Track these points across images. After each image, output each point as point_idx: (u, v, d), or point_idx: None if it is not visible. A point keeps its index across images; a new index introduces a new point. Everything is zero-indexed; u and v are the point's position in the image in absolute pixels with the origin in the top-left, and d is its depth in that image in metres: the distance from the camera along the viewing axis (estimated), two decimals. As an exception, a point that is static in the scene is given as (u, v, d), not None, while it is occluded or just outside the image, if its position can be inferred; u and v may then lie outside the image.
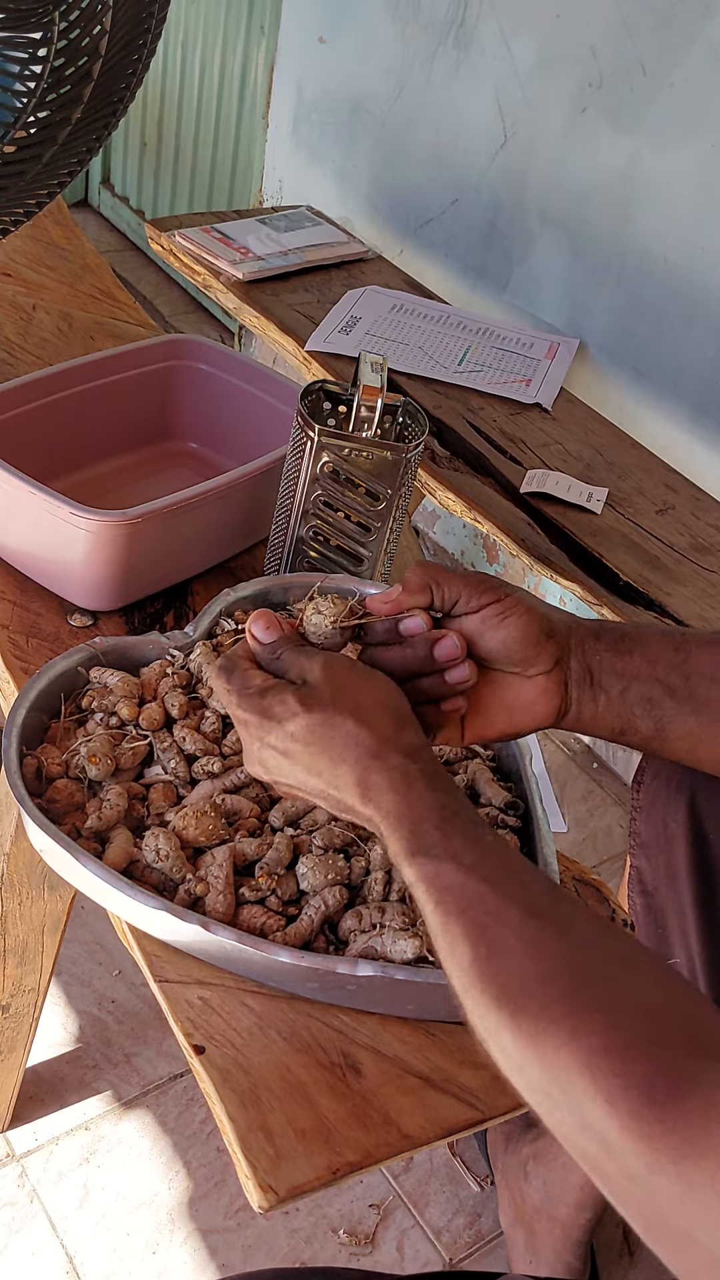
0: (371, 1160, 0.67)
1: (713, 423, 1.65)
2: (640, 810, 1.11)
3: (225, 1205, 1.30)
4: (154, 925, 0.73)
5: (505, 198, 1.89)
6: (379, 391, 0.90)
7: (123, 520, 0.91)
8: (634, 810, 1.12)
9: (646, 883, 1.10)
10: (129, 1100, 1.38)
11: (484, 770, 0.85)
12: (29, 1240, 1.25)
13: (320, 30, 2.18)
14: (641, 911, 1.10)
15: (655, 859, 1.09)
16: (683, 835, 1.05)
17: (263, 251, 1.77)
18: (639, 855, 1.11)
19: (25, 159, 0.93)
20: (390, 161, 2.09)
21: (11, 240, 1.46)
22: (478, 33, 1.85)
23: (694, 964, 1.04)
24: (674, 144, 1.62)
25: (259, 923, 0.74)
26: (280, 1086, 0.68)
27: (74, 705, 0.84)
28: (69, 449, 1.09)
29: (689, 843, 1.05)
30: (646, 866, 1.10)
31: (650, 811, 1.10)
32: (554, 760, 1.96)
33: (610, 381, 1.78)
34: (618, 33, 1.64)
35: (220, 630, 0.91)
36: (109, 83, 0.96)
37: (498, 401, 1.57)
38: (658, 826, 1.09)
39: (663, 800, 1.08)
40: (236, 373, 1.15)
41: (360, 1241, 1.29)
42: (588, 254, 1.78)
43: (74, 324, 1.34)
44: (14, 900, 1.05)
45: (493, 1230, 1.32)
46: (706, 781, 1.05)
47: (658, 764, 1.10)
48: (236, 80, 2.50)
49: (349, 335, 1.62)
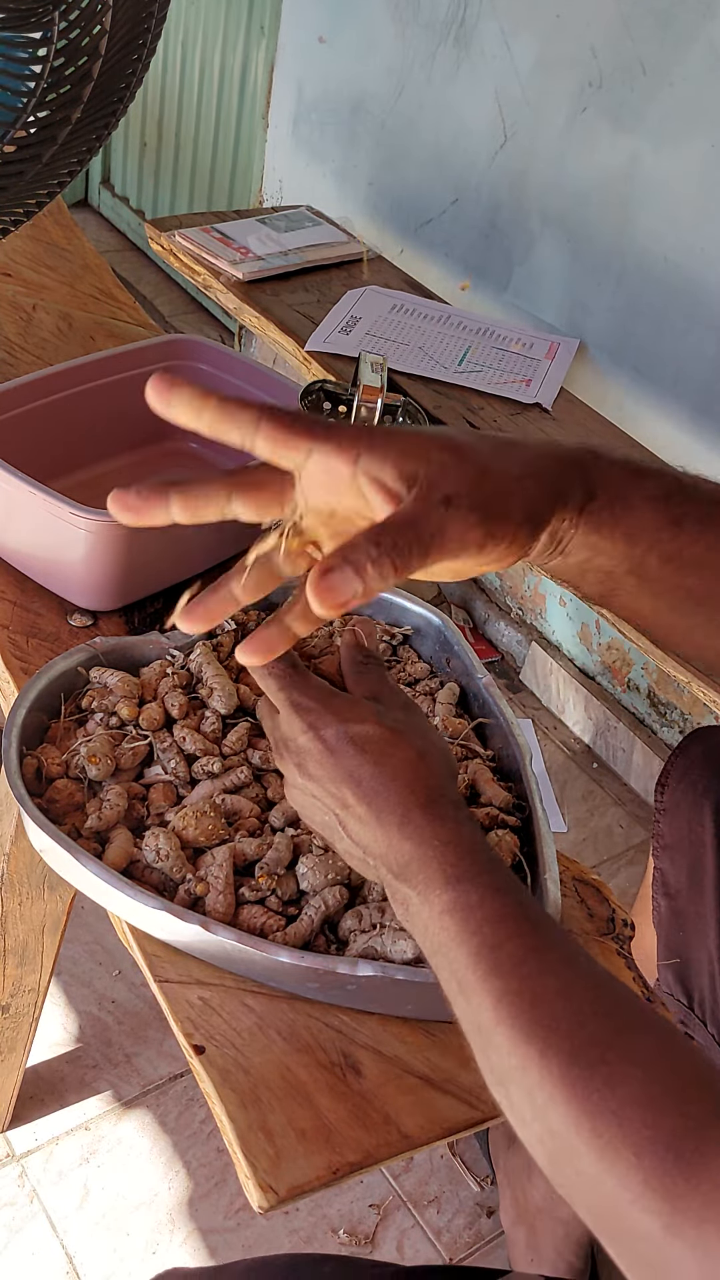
0: (371, 1160, 0.67)
1: (713, 423, 1.65)
2: (665, 812, 1.11)
3: (225, 1205, 1.30)
4: (154, 925, 0.73)
5: (505, 198, 1.89)
6: (379, 391, 0.90)
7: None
8: (659, 812, 1.12)
9: (670, 885, 1.11)
10: (129, 1100, 1.38)
11: (484, 770, 0.85)
12: (29, 1240, 1.25)
13: (320, 30, 2.18)
14: (665, 913, 1.11)
15: (679, 861, 1.09)
16: (709, 839, 1.06)
17: (263, 251, 1.77)
18: (663, 857, 1.11)
19: (25, 159, 0.93)
20: (390, 161, 2.09)
21: (11, 240, 1.46)
22: (478, 33, 1.85)
23: (714, 966, 1.04)
24: (674, 144, 1.62)
25: (259, 923, 0.74)
26: (280, 1086, 0.68)
27: (74, 705, 0.84)
28: (69, 449, 1.09)
29: (715, 848, 1.05)
30: (670, 869, 1.11)
31: (675, 814, 1.10)
32: (554, 760, 1.96)
33: (610, 381, 1.78)
34: (618, 33, 1.64)
35: (220, 630, 0.91)
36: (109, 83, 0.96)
37: (498, 401, 1.57)
38: (682, 829, 1.09)
39: (688, 804, 1.09)
40: (236, 373, 1.15)
41: (360, 1241, 1.29)
42: (588, 254, 1.78)
43: (74, 324, 1.34)
44: (14, 900, 1.05)
45: (493, 1230, 1.32)
46: None
47: (683, 767, 1.11)
48: (236, 80, 2.50)
49: (349, 335, 1.62)
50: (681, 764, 1.11)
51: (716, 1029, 1.03)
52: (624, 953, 0.82)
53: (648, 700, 1.91)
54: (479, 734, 0.89)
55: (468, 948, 0.57)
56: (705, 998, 1.05)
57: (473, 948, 0.57)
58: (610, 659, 1.96)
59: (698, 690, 1.23)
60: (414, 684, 0.91)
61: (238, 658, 0.62)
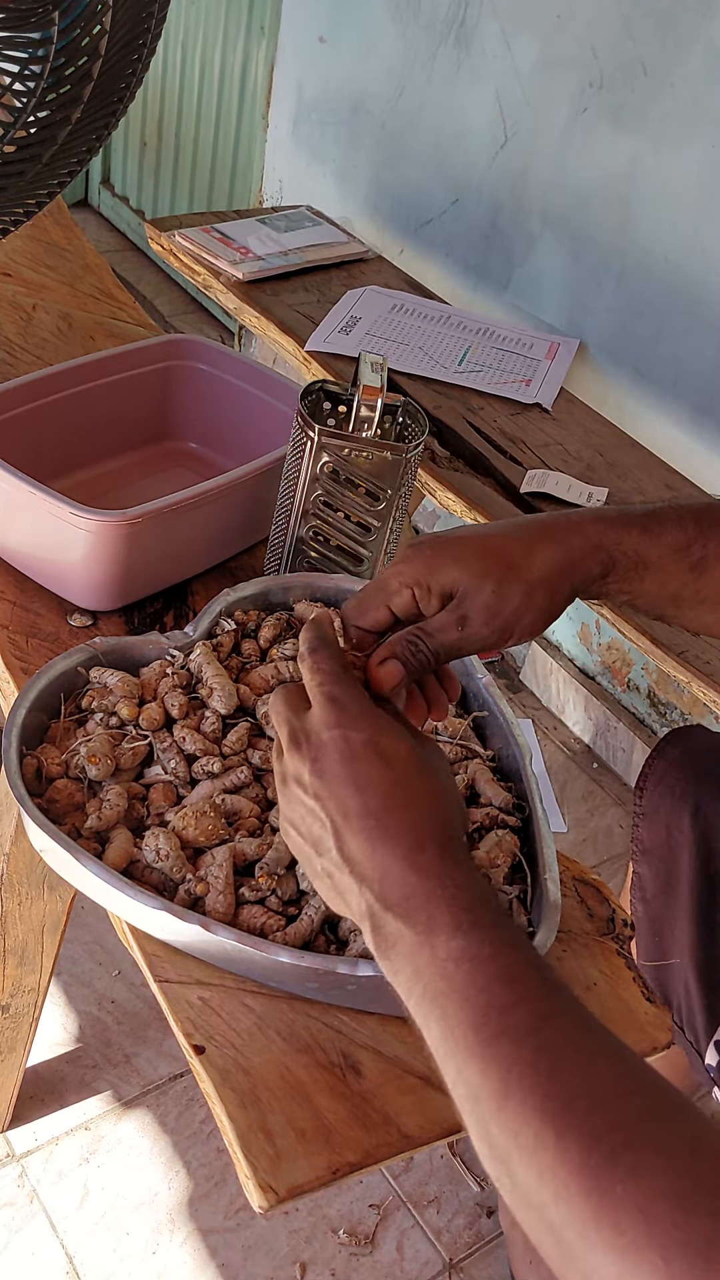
0: (371, 1160, 0.67)
1: (713, 423, 1.65)
2: (644, 816, 1.10)
3: (225, 1205, 1.30)
4: (154, 925, 0.73)
5: (506, 198, 1.89)
6: (379, 391, 0.90)
7: (123, 520, 0.90)
8: (637, 816, 1.11)
9: (647, 890, 1.09)
10: (129, 1100, 1.38)
11: (484, 770, 0.85)
12: (29, 1240, 1.25)
13: (320, 30, 2.17)
14: (642, 918, 1.10)
15: (657, 866, 1.08)
16: (686, 844, 1.04)
17: (263, 251, 1.77)
18: (641, 862, 1.10)
19: (25, 159, 0.93)
20: (391, 161, 2.09)
21: (11, 240, 1.46)
22: (478, 33, 1.85)
23: (687, 975, 1.03)
24: (674, 144, 1.62)
25: (259, 923, 0.74)
26: (280, 1086, 0.68)
27: (74, 705, 0.84)
28: (69, 449, 1.09)
29: (692, 854, 1.04)
30: (648, 873, 1.09)
31: (653, 818, 1.09)
32: (554, 760, 1.96)
33: (610, 381, 1.78)
34: (618, 33, 1.64)
35: (220, 630, 0.91)
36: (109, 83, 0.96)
37: (498, 401, 1.57)
38: (660, 834, 1.08)
39: (666, 807, 1.07)
40: (236, 373, 1.15)
41: (360, 1241, 1.29)
42: (588, 254, 1.78)
43: (74, 324, 1.34)
44: (14, 900, 1.05)
45: (493, 1230, 1.32)
46: (710, 790, 1.05)
47: (661, 770, 1.10)
48: (236, 80, 2.50)
49: (349, 335, 1.62)
50: (660, 767, 1.10)
51: (694, 1036, 1.02)
52: (624, 953, 0.82)
53: (648, 700, 1.91)
54: (479, 734, 0.89)
55: (474, 1005, 0.53)
56: (682, 1004, 1.04)
57: (480, 1005, 0.52)
58: (610, 659, 1.96)
59: (698, 690, 1.23)
60: (414, 684, 0.91)
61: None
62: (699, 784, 1.06)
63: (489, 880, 0.61)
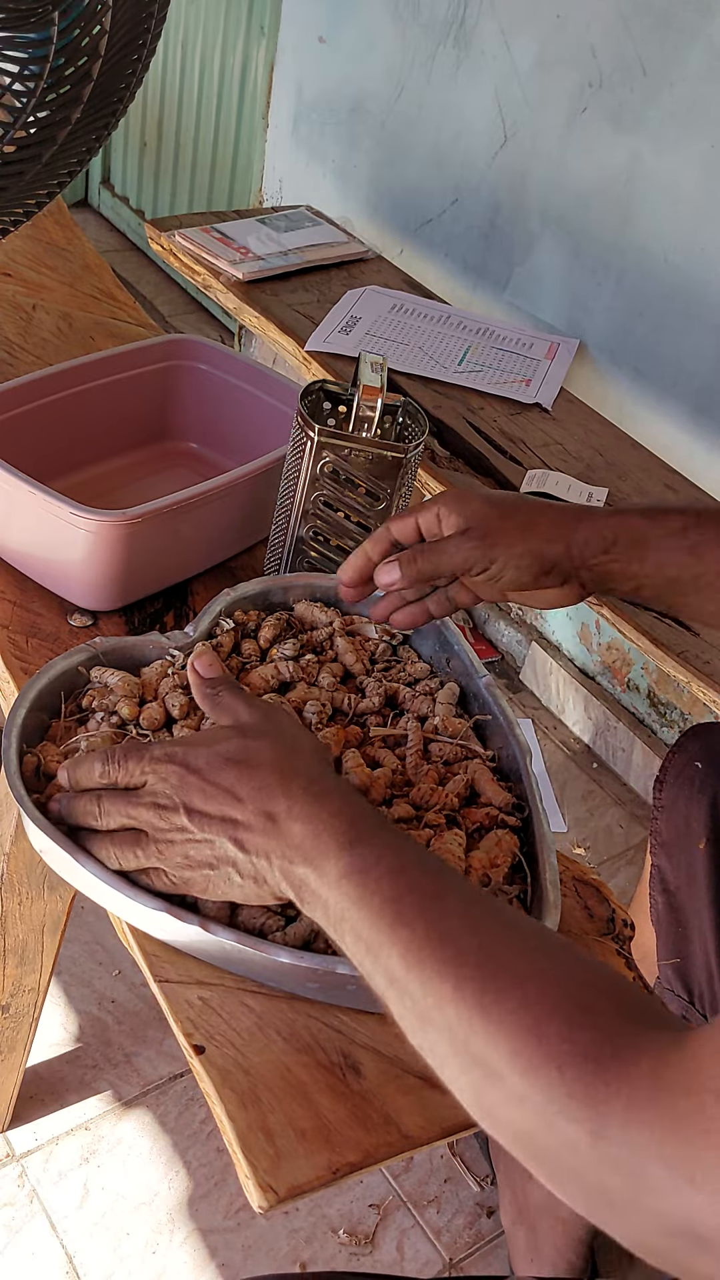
0: (371, 1160, 0.67)
1: (713, 423, 1.65)
2: (662, 809, 1.12)
3: (225, 1205, 1.30)
4: (154, 925, 0.73)
5: (505, 198, 1.89)
6: (379, 391, 0.90)
7: (123, 520, 0.90)
8: (656, 809, 1.13)
9: (669, 881, 1.11)
10: (129, 1100, 1.38)
11: (484, 770, 0.85)
12: (29, 1240, 1.25)
13: (320, 30, 2.18)
14: (663, 910, 1.11)
15: (676, 858, 1.10)
16: (704, 835, 1.06)
17: (263, 251, 1.77)
18: (660, 854, 1.12)
19: (25, 159, 0.93)
20: (390, 161, 2.09)
21: (11, 240, 1.46)
22: (478, 33, 1.85)
23: (710, 961, 1.05)
24: (674, 144, 1.62)
25: (258, 923, 0.74)
26: (280, 1086, 0.68)
27: (74, 705, 0.84)
28: (69, 449, 1.09)
29: (710, 843, 1.06)
30: (668, 865, 1.11)
31: (672, 811, 1.11)
32: (554, 760, 1.96)
33: (610, 381, 1.78)
34: (618, 33, 1.64)
35: (220, 630, 0.91)
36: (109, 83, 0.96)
37: (498, 401, 1.57)
38: (680, 826, 1.10)
39: (685, 800, 1.10)
40: (236, 373, 1.15)
41: (360, 1241, 1.29)
42: (588, 254, 1.78)
43: (74, 324, 1.34)
44: (14, 900, 1.05)
45: (493, 1230, 1.32)
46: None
47: (680, 765, 1.12)
48: (236, 80, 2.50)
49: (349, 335, 1.62)
50: (679, 761, 1.12)
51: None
52: (624, 952, 0.82)
53: (647, 700, 1.91)
54: (479, 734, 0.89)
55: (369, 907, 0.59)
56: (704, 992, 1.06)
57: (374, 906, 0.59)
58: (610, 659, 1.96)
59: (698, 690, 1.23)
60: (414, 684, 0.91)
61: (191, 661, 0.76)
62: (717, 778, 1.08)
63: (361, 798, 0.66)
